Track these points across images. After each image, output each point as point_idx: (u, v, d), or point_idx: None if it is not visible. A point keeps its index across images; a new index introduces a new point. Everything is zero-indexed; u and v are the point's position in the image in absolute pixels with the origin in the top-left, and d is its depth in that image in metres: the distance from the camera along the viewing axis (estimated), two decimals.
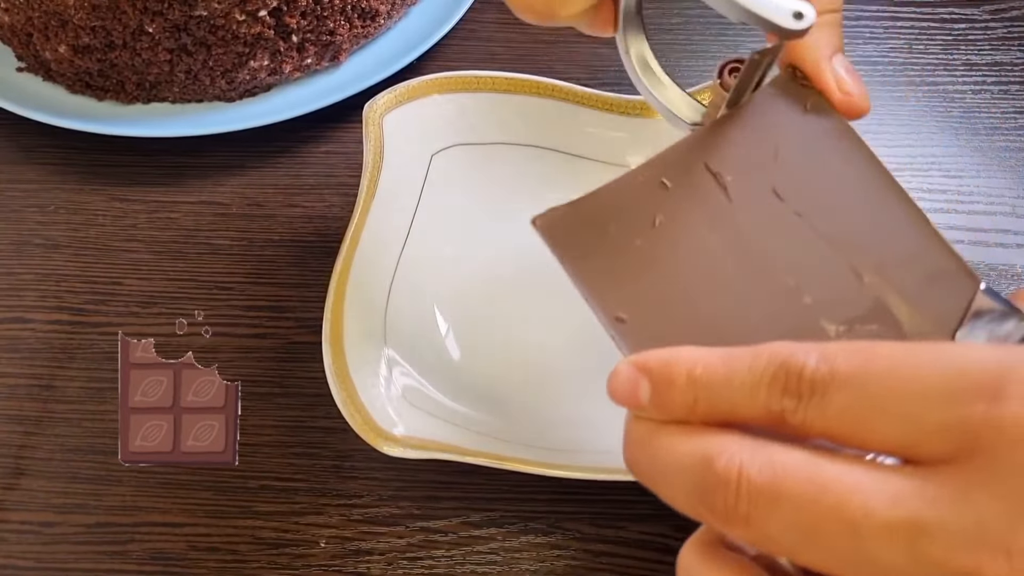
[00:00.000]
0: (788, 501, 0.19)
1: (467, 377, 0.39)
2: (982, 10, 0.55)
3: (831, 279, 0.25)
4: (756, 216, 0.26)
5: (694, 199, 0.27)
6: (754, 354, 0.21)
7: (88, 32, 0.45)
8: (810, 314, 0.25)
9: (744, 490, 0.19)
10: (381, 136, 0.42)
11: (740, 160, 0.27)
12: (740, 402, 0.20)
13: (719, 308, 0.25)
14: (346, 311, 0.37)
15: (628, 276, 0.26)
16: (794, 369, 0.20)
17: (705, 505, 0.20)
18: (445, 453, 0.34)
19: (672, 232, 0.26)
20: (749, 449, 0.20)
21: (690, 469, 0.20)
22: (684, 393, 0.21)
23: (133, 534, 0.36)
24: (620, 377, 0.22)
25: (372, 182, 0.41)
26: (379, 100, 0.43)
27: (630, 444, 0.22)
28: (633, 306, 0.25)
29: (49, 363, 0.41)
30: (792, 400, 0.20)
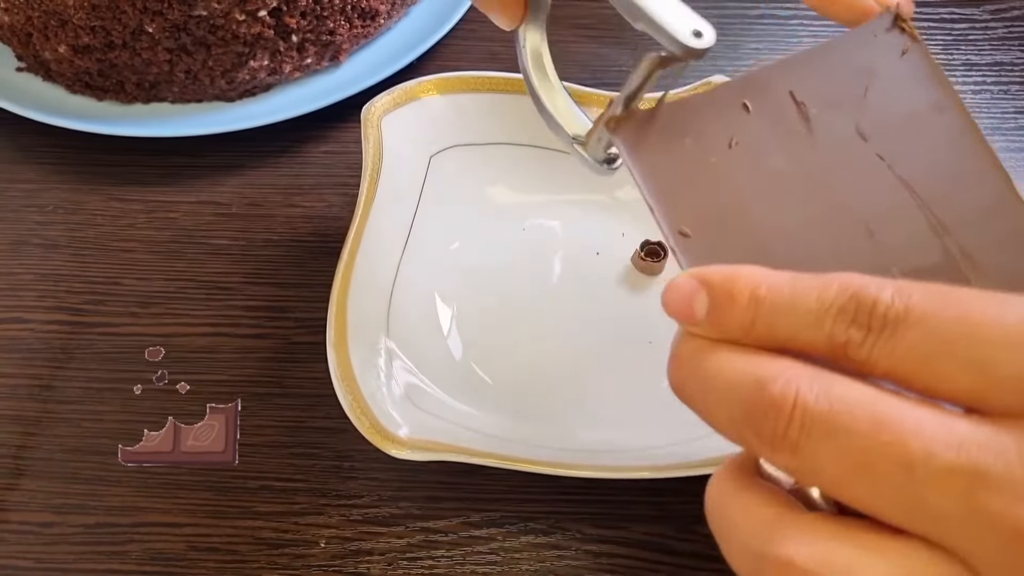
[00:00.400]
0: (843, 432, 0.18)
1: (469, 376, 0.39)
2: (982, 10, 0.55)
3: (905, 225, 0.24)
4: (836, 152, 0.25)
5: (775, 126, 0.26)
6: (824, 281, 0.20)
7: (88, 32, 0.45)
8: (879, 256, 0.24)
9: (798, 416, 0.18)
10: (380, 138, 0.42)
11: (827, 94, 0.26)
12: (802, 328, 0.19)
13: (787, 236, 0.24)
14: (349, 313, 0.37)
15: (698, 192, 0.25)
16: (866, 301, 0.19)
17: (752, 428, 0.19)
18: (450, 454, 0.34)
19: (748, 155, 0.26)
20: (808, 376, 0.19)
21: (742, 390, 0.19)
22: (744, 311, 0.20)
23: (132, 534, 0.36)
24: (679, 289, 0.21)
25: (372, 184, 0.41)
26: (377, 102, 0.43)
27: (678, 361, 0.21)
28: (699, 222, 0.25)
29: (48, 363, 0.41)
30: (860, 332, 0.19)
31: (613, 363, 0.40)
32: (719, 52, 0.53)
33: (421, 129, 0.44)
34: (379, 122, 0.42)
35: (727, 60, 0.53)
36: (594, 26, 0.54)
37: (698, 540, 0.36)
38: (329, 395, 0.39)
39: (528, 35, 0.31)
